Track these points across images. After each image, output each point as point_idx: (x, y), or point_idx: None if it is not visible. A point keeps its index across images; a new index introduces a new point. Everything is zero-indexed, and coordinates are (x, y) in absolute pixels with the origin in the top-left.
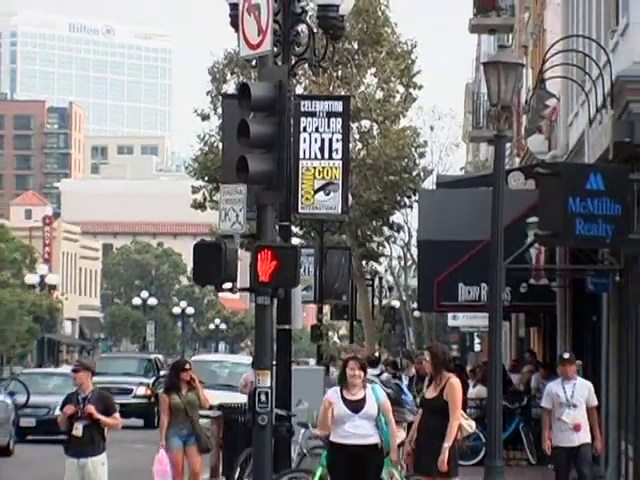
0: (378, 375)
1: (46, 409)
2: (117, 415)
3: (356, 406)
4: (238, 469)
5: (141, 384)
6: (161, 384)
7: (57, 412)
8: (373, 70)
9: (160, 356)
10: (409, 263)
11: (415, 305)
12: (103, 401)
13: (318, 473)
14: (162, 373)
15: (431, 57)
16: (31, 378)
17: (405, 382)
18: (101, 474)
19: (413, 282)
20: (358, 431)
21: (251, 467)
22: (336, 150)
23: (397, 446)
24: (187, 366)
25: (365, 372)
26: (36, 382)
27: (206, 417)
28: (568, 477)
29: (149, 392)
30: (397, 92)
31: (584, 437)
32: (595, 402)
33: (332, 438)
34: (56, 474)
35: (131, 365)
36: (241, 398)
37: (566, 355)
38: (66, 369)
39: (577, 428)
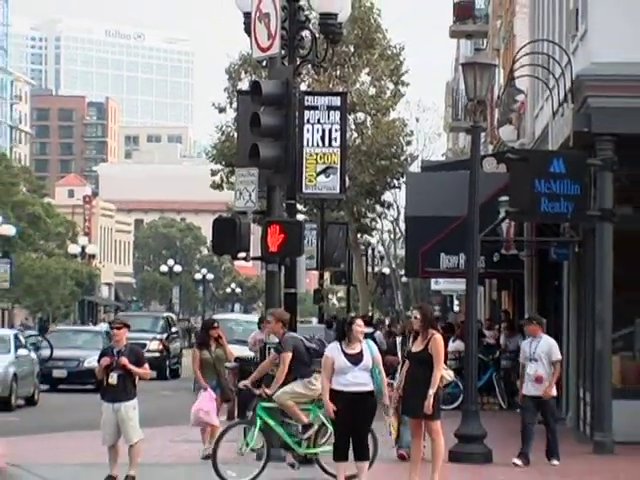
0: (372, 333)
1: (76, 362)
2: (147, 366)
3: (355, 359)
4: (250, 412)
5: (154, 339)
6: (173, 339)
7: (86, 364)
8: (367, 70)
9: (172, 314)
10: (398, 236)
11: (403, 272)
12: (135, 354)
13: (258, 424)
14: (173, 330)
15: (417, 58)
16: (63, 334)
17: (399, 339)
18: (132, 416)
19: (401, 252)
20: (357, 380)
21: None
22: (335, 139)
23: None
24: (215, 324)
25: None
26: (67, 338)
27: (225, 368)
28: (530, 422)
29: (161, 346)
30: (387, 89)
31: (551, 390)
32: (556, 357)
33: (334, 386)
34: (76, 419)
35: (146, 322)
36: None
37: (526, 316)
38: (92, 327)
39: (538, 380)
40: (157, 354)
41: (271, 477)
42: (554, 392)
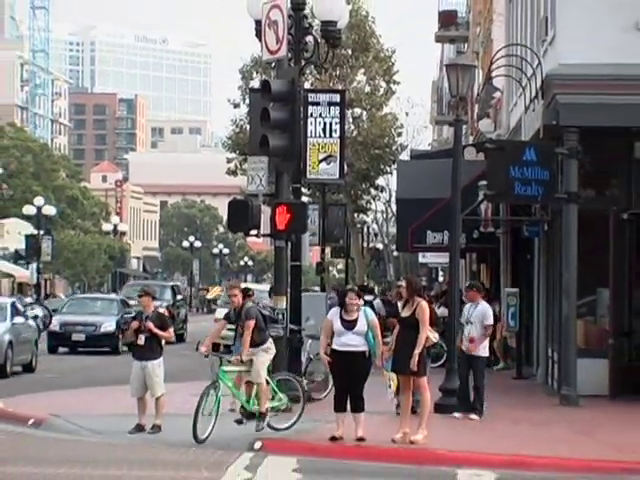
0: (372, 300)
1: (93, 327)
2: (171, 330)
3: (350, 325)
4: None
5: (160, 306)
6: (179, 306)
7: (102, 329)
8: (363, 70)
9: (179, 283)
10: (389, 216)
11: (394, 247)
12: (160, 319)
13: (221, 386)
14: (178, 297)
15: (406, 60)
16: (81, 302)
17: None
18: (158, 373)
19: (393, 230)
20: (351, 342)
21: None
22: (335, 130)
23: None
24: (250, 292)
25: (360, 298)
26: (85, 305)
27: None
28: (465, 374)
29: (167, 313)
30: (381, 87)
31: (477, 349)
32: (487, 321)
33: (333, 346)
34: (67, 382)
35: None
36: None
37: (467, 283)
38: (108, 295)
39: (471, 340)
40: None
41: (220, 434)
42: (481, 352)
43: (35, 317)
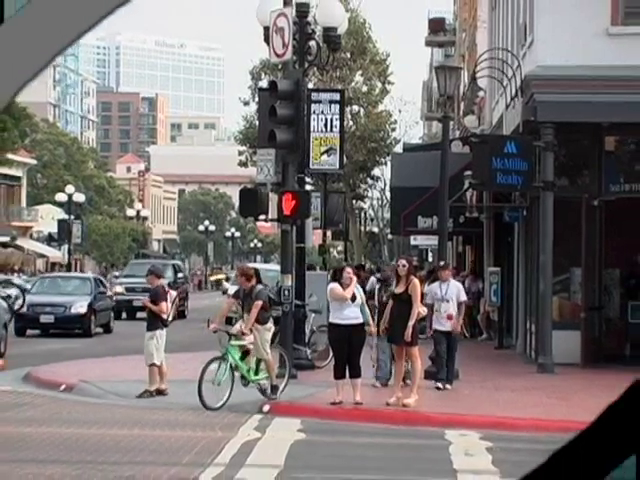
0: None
1: (63, 308)
2: (163, 304)
3: (352, 297)
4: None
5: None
6: (180, 284)
7: (72, 310)
8: (360, 72)
9: (180, 262)
10: (384, 202)
11: (388, 230)
12: (155, 294)
13: (229, 359)
14: (179, 275)
15: (399, 62)
16: (53, 281)
17: (377, 285)
18: (147, 344)
19: (387, 215)
20: (351, 315)
21: (279, 339)
22: (335, 126)
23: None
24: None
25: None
26: (57, 285)
27: None
28: (444, 351)
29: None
30: (376, 87)
31: (457, 327)
32: (462, 298)
33: (334, 320)
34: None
35: None
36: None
37: (441, 263)
38: (81, 274)
39: (449, 317)
40: None
41: (231, 399)
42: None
43: (7, 297)
